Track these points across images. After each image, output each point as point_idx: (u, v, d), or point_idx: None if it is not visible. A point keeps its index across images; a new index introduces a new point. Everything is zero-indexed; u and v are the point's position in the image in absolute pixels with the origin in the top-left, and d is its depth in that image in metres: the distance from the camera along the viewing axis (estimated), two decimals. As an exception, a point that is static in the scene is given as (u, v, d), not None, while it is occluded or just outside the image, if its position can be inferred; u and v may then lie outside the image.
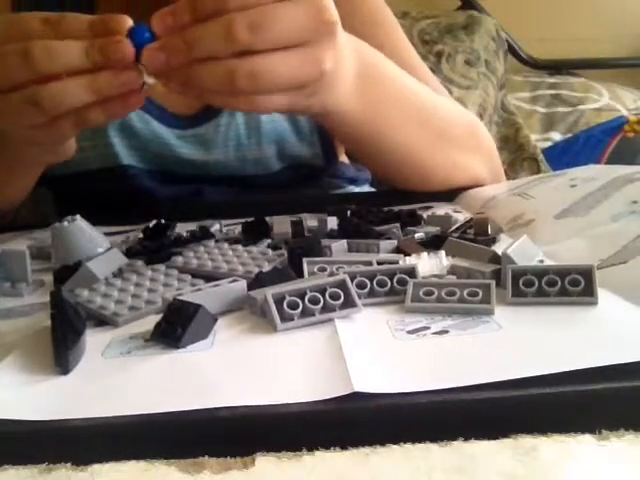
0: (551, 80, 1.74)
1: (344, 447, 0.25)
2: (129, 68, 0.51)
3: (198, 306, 0.34)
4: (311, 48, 0.52)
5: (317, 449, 0.25)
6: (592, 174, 0.62)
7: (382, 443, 0.25)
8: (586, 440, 0.25)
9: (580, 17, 1.83)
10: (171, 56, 0.50)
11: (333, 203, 0.64)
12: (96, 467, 0.25)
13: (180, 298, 0.36)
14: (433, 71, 0.89)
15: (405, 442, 0.25)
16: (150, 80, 0.53)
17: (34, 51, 0.49)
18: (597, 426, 0.26)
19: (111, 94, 0.52)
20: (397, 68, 0.71)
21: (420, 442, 0.25)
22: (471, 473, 0.24)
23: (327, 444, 0.26)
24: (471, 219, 0.53)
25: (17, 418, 0.27)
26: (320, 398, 0.27)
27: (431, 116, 0.75)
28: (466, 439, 0.26)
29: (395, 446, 0.25)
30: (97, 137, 0.79)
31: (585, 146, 1.59)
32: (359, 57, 0.64)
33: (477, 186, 0.76)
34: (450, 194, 0.73)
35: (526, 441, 0.25)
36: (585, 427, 0.26)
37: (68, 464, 0.25)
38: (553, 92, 1.69)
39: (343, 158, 0.96)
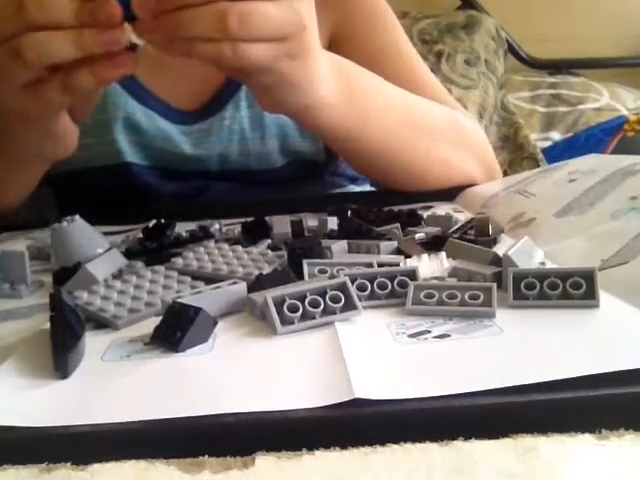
0: (551, 80, 1.74)
1: (344, 447, 0.25)
2: (115, 27, 0.51)
3: (198, 309, 0.34)
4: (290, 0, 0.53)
5: (317, 449, 0.25)
6: (592, 166, 0.62)
7: (382, 443, 0.25)
8: (586, 440, 0.25)
9: (580, 17, 1.83)
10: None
11: (333, 203, 0.63)
12: (96, 467, 0.25)
13: (180, 301, 0.36)
14: (433, 71, 0.89)
15: (405, 442, 0.25)
16: (139, 41, 0.53)
17: (26, 2, 0.50)
18: (597, 426, 0.26)
19: (96, 51, 0.51)
20: (375, 76, 0.71)
21: (420, 442, 0.25)
22: (471, 473, 0.24)
23: (327, 444, 0.25)
24: (472, 219, 0.53)
25: (17, 425, 0.27)
26: (321, 404, 0.27)
27: (414, 116, 0.75)
28: (466, 439, 0.25)
29: (395, 446, 0.25)
30: (102, 133, 0.79)
31: (585, 146, 1.59)
32: (334, 59, 0.65)
33: (470, 183, 0.75)
34: (450, 193, 0.73)
35: (526, 441, 0.25)
36: (585, 427, 0.26)
37: (68, 464, 0.25)
38: (553, 92, 1.69)
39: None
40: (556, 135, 1.63)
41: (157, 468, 0.25)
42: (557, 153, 1.58)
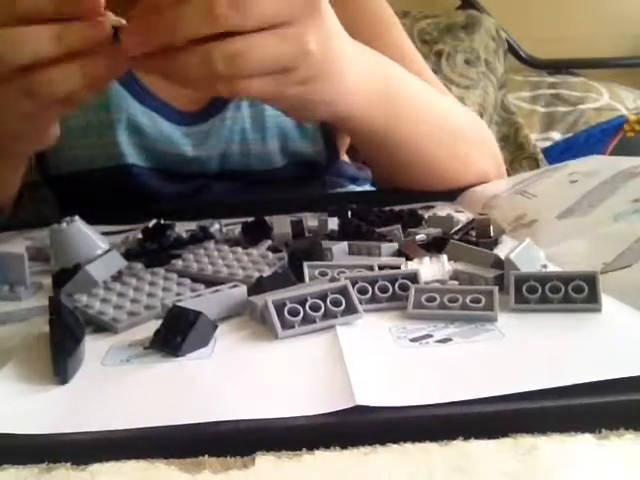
0: (551, 80, 1.74)
1: (344, 447, 0.25)
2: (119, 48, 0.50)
3: (198, 313, 0.34)
4: (292, 27, 0.50)
5: (317, 449, 0.25)
6: (593, 167, 0.61)
7: (382, 443, 0.25)
8: (586, 440, 0.25)
9: (580, 17, 1.83)
10: (149, 37, 0.48)
11: (334, 203, 0.63)
12: (96, 467, 0.25)
13: (180, 305, 0.35)
14: (434, 71, 0.89)
15: (405, 442, 0.25)
16: (122, 21, 0.51)
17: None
18: (597, 426, 0.26)
19: (106, 75, 0.51)
20: (406, 72, 0.71)
21: (420, 442, 0.25)
22: (471, 473, 0.24)
23: (327, 444, 0.25)
24: (473, 220, 0.53)
25: (16, 432, 0.27)
26: (322, 412, 0.27)
27: (442, 116, 0.76)
28: (466, 439, 0.25)
29: (395, 446, 0.25)
30: (104, 135, 0.79)
31: (585, 145, 1.59)
32: (372, 62, 0.65)
33: (485, 181, 0.75)
34: (451, 193, 0.73)
35: (526, 441, 0.25)
36: (585, 427, 0.26)
37: (68, 464, 0.25)
38: (553, 92, 1.69)
39: (344, 157, 0.96)
40: (556, 135, 1.63)
41: (157, 468, 0.25)
42: (557, 153, 1.58)
